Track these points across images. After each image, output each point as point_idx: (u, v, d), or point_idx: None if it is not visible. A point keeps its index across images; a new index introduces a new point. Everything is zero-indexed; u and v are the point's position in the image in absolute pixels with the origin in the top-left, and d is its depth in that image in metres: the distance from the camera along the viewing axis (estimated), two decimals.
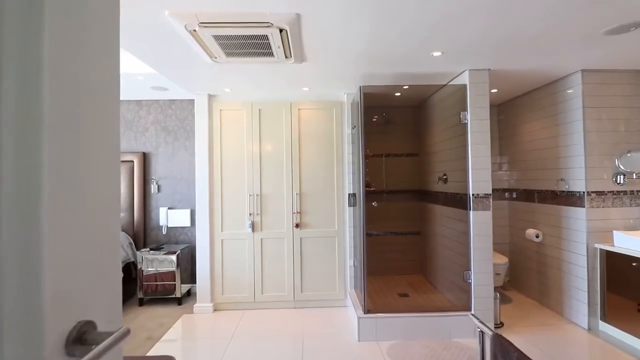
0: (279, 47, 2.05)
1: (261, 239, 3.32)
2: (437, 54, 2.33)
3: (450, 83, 2.92)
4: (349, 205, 3.32)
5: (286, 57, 2.23)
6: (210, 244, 3.30)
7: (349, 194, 3.32)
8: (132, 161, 3.88)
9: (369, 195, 3.75)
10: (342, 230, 3.34)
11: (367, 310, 2.71)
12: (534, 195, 3.40)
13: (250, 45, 2.03)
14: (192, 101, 3.90)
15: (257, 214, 3.31)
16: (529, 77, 2.93)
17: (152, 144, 3.94)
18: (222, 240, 3.32)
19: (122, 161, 3.88)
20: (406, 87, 3.12)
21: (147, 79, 3.19)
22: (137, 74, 3.04)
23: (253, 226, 3.31)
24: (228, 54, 2.17)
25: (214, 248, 3.32)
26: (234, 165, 3.34)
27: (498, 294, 2.84)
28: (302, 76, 2.80)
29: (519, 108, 3.60)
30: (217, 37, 1.90)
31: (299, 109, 3.34)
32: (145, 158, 3.92)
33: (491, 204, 2.67)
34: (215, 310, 3.31)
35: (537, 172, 3.34)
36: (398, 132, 3.97)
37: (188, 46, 2.13)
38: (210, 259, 3.30)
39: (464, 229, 2.79)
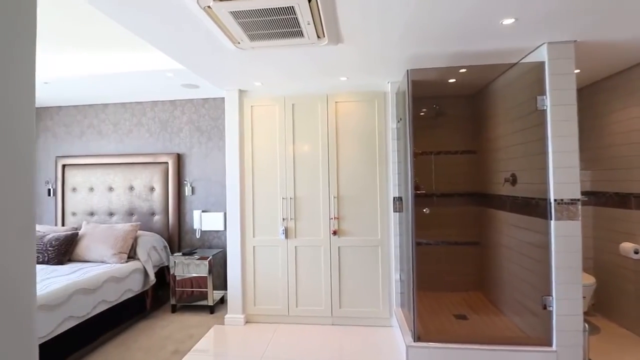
0: (308, 23, 1.71)
1: (295, 246, 3.01)
2: (508, 21, 1.84)
3: (523, 61, 2.37)
4: (394, 211, 2.89)
5: (318, 36, 1.89)
6: (241, 251, 3.06)
7: (393, 198, 2.89)
8: (167, 162, 3.80)
9: (418, 199, 3.28)
10: (386, 239, 2.91)
11: (417, 338, 2.27)
12: (629, 200, 2.70)
13: (274, 23, 1.71)
14: (224, 99, 3.72)
15: (290, 219, 3.01)
16: (632, 50, 2.28)
17: (186, 144, 3.82)
18: (253, 246, 3.07)
19: (157, 163, 3.81)
20: (463, 70, 2.62)
21: (176, 76, 3.04)
22: (165, 70, 2.89)
23: (286, 232, 3.01)
24: (252, 37, 1.88)
25: (245, 255, 3.08)
26: (266, 166, 3.07)
27: (586, 325, 2.25)
28: (338, 62, 2.44)
29: (607, 92, 2.90)
30: (235, 14, 1.61)
31: (336, 102, 2.99)
32: (179, 159, 3.82)
33: (579, 212, 2.10)
34: (247, 322, 3.07)
35: (634, 171, 2.65)
36: (451, 125, 3.44)
37: (207, 30, 1.87)
38: (242, 266, 3.06)
39: (541, 241, 2.24)
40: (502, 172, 2.84)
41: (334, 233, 2.93)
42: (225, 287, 3.62)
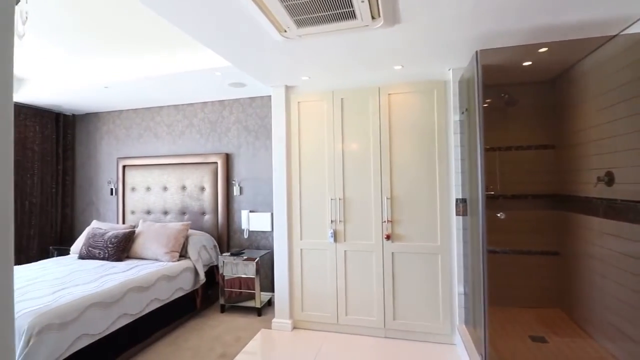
0: (362, 1, 1.50)
1: (345, 250, 2.81)
2: None
3: (625, 33, 1.92)
4: (456, 214, 2.56)
5: (373, 17, 1.67)
6: (288, 253, 2.94)
7: (456, 200, 2.56)
8: (216, 163, 3.82)
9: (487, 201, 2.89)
10: (447, 246, 2.59)
11: None
12: None
13: (324, 3, 1.53)
14: (271, 97, 3.64)
15: (339, 221, 2.82)
16: None
17: (234, 144, 3.81)
18: (301, 249, 2.93)
19: (207, 163, 3.85)
20: (543, 49, 2.21)
21: (224, 75, 3.00)
22: (213, 69, 2.86)
23: (335, 235, 2.82)
24: (299, 23, 1.72)
25: (292, 258, 2.95)
26: (313, 165, 2.91)
27: None
28: (394, 47, 2.19)
29: None
30: None
31: (389, 94, 2.73)
32: (228, 159, 3.82)
33: None
34: (294, 328, 2.94)
35: None
36: (522, 117, 2.99)
37: (252, 19, 1.74)
38: (289, 270, 2.93)
39: None
40: (592, 170, 2.37)
41: (387, 237, 2.68)
42: (272, 289, 3.53)
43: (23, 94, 3.57)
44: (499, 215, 2.26)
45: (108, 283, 2.49)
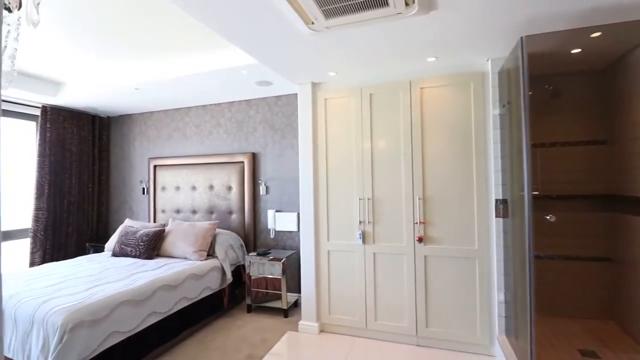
0: None
1: (374, 253, 2.69)
2: None
3: None
4: (496, 216, 2.37)
5: (406, 3, 1.55)
6: (315, 255, 2.86)
7: (496, 200, 2.37)
8: (243, 162, 3.82)
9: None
10: (485, 250, 2.41)
11: None
12: None
13: None
14: (297, 95, 3.58)
15: (368, 222, 2.71)
16: None
17: (260, 143, 3.79)
18: (328, 250, 2.84)
19: (234, 162, 3.86)
20: (596, 34, 2.00)
21: (250, 73, 2.97)
22: (240, 68, 2.84)
23: (364, 237, 2.71)
24: (327, 13, 1.63)
25: (319, 259, 2.88)
26: (341, 164, 2.81)
27: None
28: (428, 37, 2.05)
29: None
30: None
31: (421, 88, 2.58)
32: (254, 158, 3.81)
33: None
34: (321, 331, 2.86)
35: None
36: (569, 110, 2.74)
37: (278, 12, 1.68)
38: (316, 272, 2.86)
39: None
40: None
41: (419, 240, 2.54)
42: (299, 290, 3.48)
43: (62, 98, 3.73)
44: (548, 217, 2.06)
45: (138, 281, 2.52)
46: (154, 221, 4.27)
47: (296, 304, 3.45)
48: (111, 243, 3.69)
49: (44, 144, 3.90)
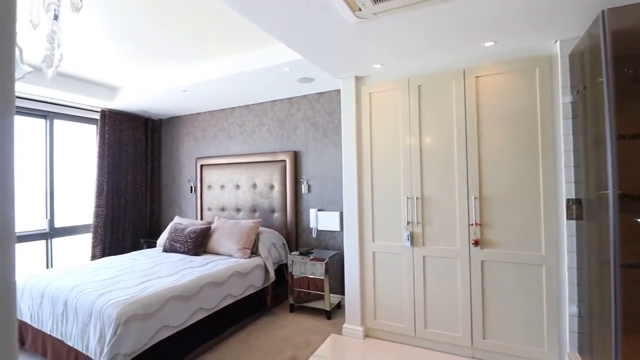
0: None
1: (423, 256, 2.52)
2: None
3: None
4: (567, 218, 2.09)
5: None
6: (359, 256, 2.75)
7: (567, 200, 2.09)
8: (285, 161, 3.80)
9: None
10: (554, 256, 2.14)
11: None
12: None
13: None
14: (340, 92, 3.48)
15: (417, 222, 2.54)
16: None
17: (302, 141, 3.75)
18: (373, 252, 2.71)
19: (276, 161, 3.85)
20: None
21: (292, 70, 2.93)
22: (282, 65, 2.80)
23: (412, 238, 2.55)
24: None
25: (364, 261, 2.75)
26: (387, 161, 2.67)
27: None
28: (486, 18, 1.85)
29: None
30: None
31: (476, 77, 2.36)
32: (296, 157, 3.77)
33: None
34: (366, 336, 2.74)
35: None
36: None
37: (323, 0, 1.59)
38: (360, 274, 2.74)
39: None
40: None
41: (475, 243, 2.32)
42: (342, 292, 3.38)
43: (118, 102, 3.98)
44: (639, 220, 1.76)
45: (187, 277, 2.59)
46: (201, 219, 4.41)
47: (339, 306, 3.36)
48: (162, 239, 3.86)
49: (103, 145, 4.19)
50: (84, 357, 2.06)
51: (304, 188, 3.70)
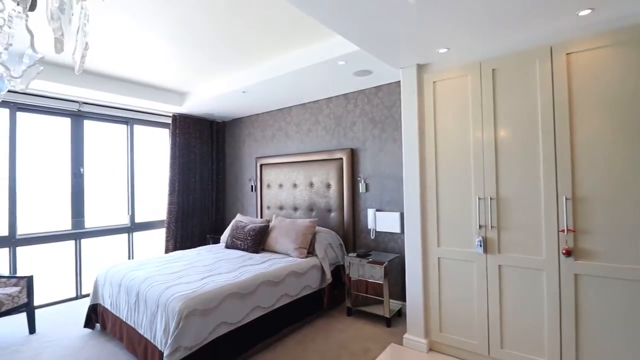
0: None
1: (499, 265, 2.19)
2: None
3: None
4: None
5: None
6: (422, 261, 2.51)
7: None
8: (341, 158, 3.68)
9: None
10: None
11: None
12: None
13: None
14: (399, 83, 3.25)
15: (491, 227, 2.22)
16: None
17: (359, 138, 3.59)
18: (438, 258, 2.45)
19: (332, 159, 3.76)
20: None
21: (348, 64, 2.79)
22: (336, 58, 2.69)
23: (485, 244, 2.24)
24: None
25: (427, 267, 2.51)
26: (454, 157, 2.39)
27: None
28: None
29: None
30: None
31: (567, 54, 1.96)
32: (352, 154, 3.63)
33: None
34: (430, 349, 2.49)
35: None
36: None
37: None
38: (424, 281, 2.50)
39: None
40: None
41: (567, 253, 1.93)
42: (403, 298, 3.15)
43: (186, 106, 4.25)
44: None
45: (244, 275, 2.62)
46: (261, 217, 4.52)
47: (400, 314, 3.14)
48: (225, 236, 4.03)
49: (174, 147, 4.53)
50: (152, 346, 2.18)
51: (361, 187, 3.54)
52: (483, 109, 2.25)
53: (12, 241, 3.37)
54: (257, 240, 3.48)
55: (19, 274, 3.38)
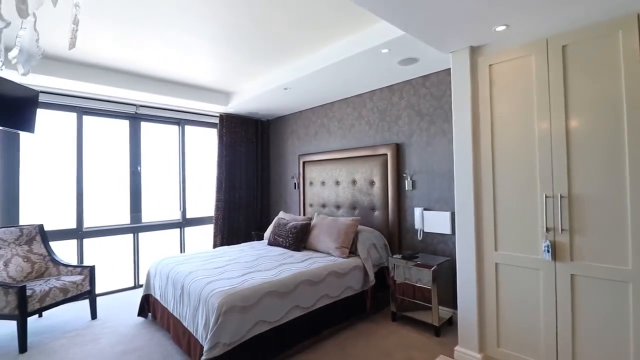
0: None
1: (571, 275, 1.88)
2: None
3: None
4: None
5: None
6: (477, 267, 2.25)
7: None
8: (386, 154, 3.50)
9: None
10: None
11: None
12: None
13: None
14: (449, 71, 2.98)
15: (561, 229, 1.91)
16: None
17: (405, 132, 3.37)
18: (496, 263, 2.18)
19: (376, 155, 3.58)
20: None
21: (392, 52, 2.62)
22: (379, 46, 2.53)
23: (554, 249, 1.93)
24: None
25: (483, 273, 2.25)
26: (514, 150, 2.10)
27: None
28: None
29: None
30: None
31: None
32: (398, 150, 3.42)
33: None
34: None
35: None
36: None
37: None
38: (478, 288, 2.25)
39: None
40: None
41: None
42: (453, 305, 2.89)
43: (232, 105, 4.35)
44: None
45: (284, 273, 2.57)
46: (303, 214, 4.48)
47: (450, 322, 2.88)
48: (268, 232, 4.05)
49: (221, 146, 4.67)
50: (194, 340, 2.22)
51: (407, 184, 3.32)
52: (551, 94, 1.94)
53: (79, 233, 3.71)
54: (299, 238, 3.43)
55: (84, 263, 3.71)
